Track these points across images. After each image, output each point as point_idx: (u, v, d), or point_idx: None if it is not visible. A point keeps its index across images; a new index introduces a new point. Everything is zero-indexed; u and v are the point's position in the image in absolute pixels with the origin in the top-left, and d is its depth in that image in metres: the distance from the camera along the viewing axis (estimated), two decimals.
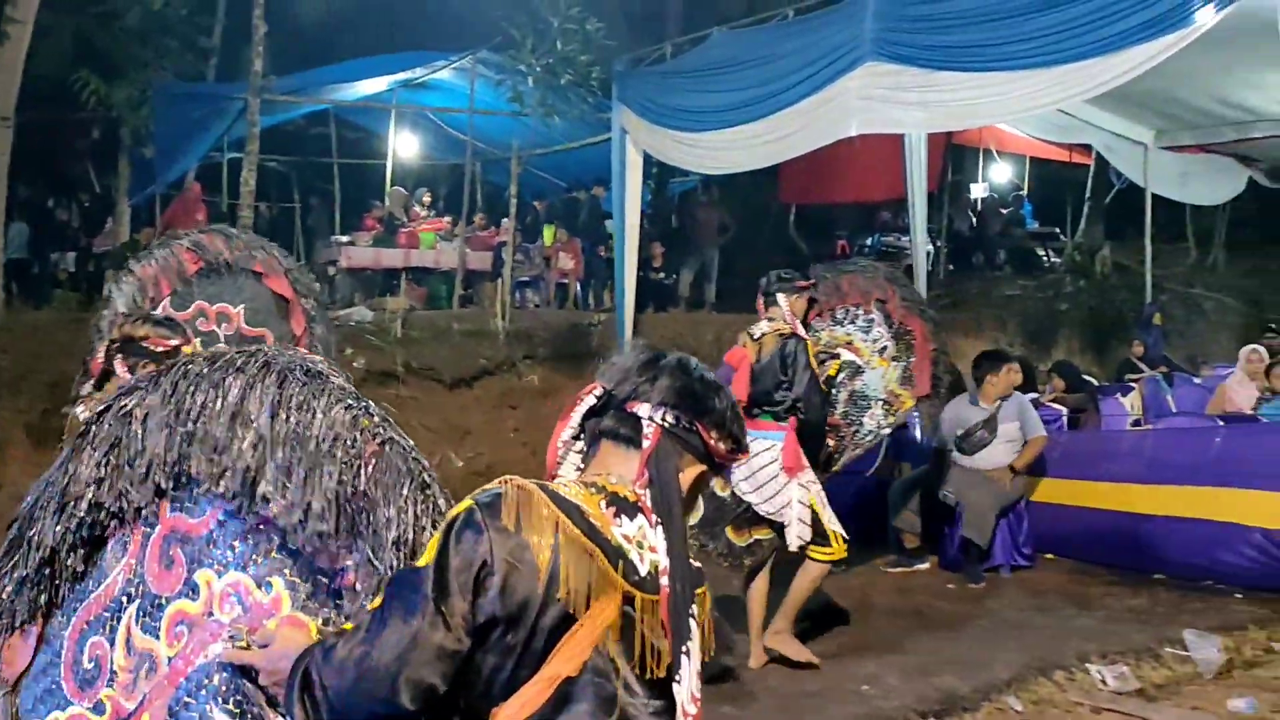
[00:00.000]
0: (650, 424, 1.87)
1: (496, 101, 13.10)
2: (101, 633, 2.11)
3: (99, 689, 2.10)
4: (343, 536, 1.96)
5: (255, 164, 11.56)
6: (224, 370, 2.07)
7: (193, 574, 2.06)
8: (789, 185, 16.14)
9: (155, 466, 2.07)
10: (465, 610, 1.71)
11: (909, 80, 7.34)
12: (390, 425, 2.03)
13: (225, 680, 1.99)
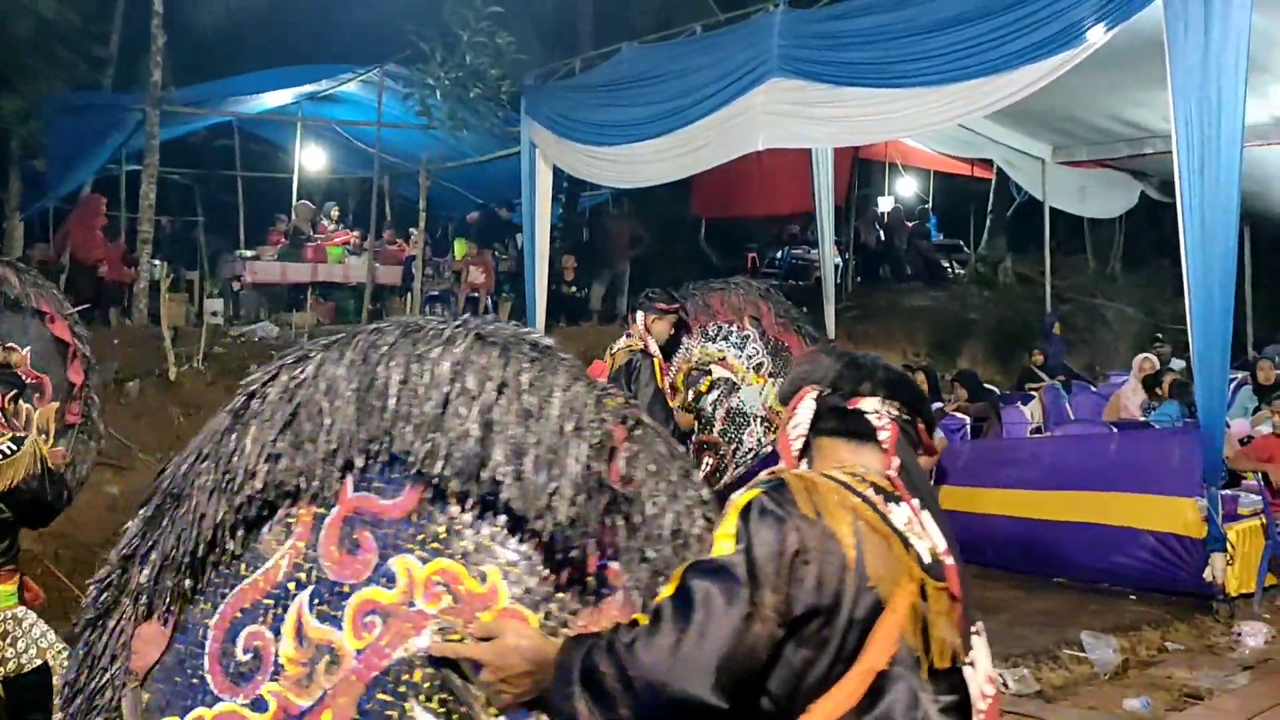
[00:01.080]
0: (882, 417, 1.86)
1: (405, 115, 12.98)
2: (262, 621, 1.91)
3: (259, 683, 1.89)
4: (590, 525, 1.79)
5: (155, 177, 11.30)
6: (428, 343, 1.90)
7: (386, 560, 1.87)
8: (701, 199, 16.26)
9: (346, 443, 1.88)
10: (778, 601, 1.62)
11: (814, 95, 7.47)
12: (635, 406, 1.88)
13: (430, 675, 1.81)
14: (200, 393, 9.27)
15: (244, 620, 1.93)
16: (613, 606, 1.81)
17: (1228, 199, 5.93)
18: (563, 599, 1.83)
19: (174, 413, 9.10)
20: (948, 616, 1.74)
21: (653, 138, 8.64)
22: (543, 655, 1.73)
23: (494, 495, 1.82)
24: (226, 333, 10.71)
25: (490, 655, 1.75)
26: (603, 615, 1.81)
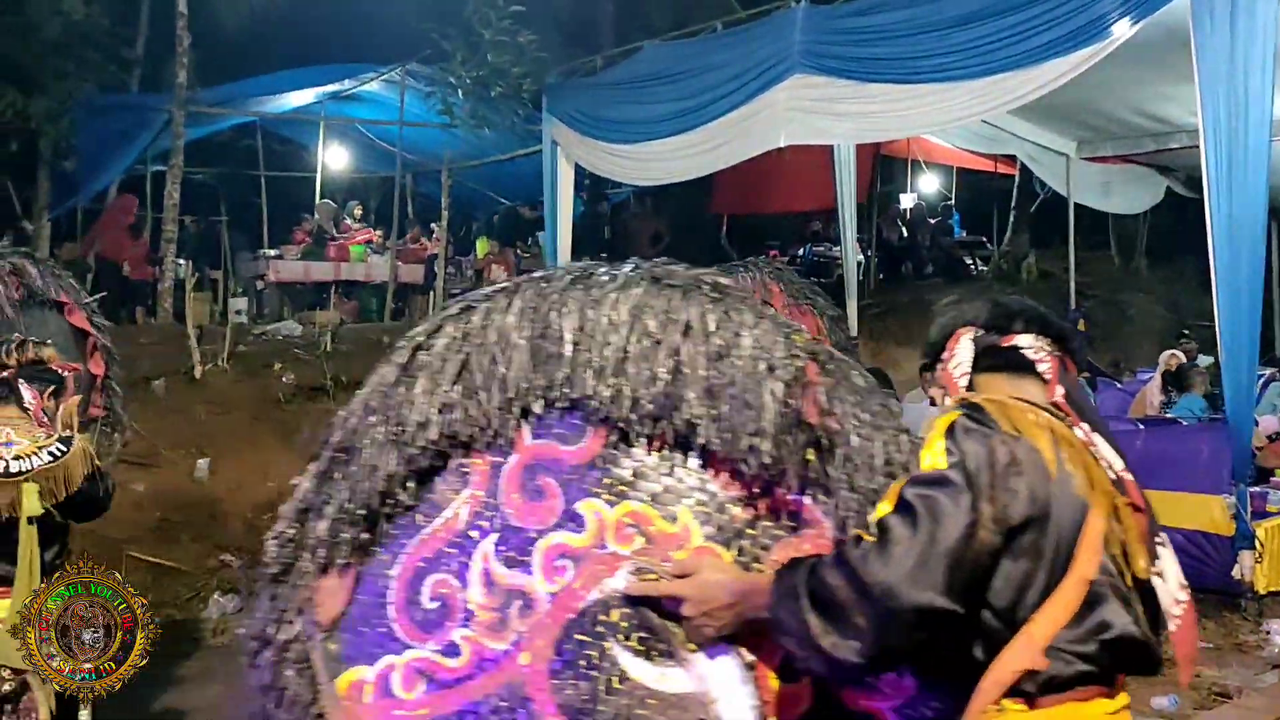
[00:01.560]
0: (1038, 351, 1.95)
1: (427, 114, 13.03)
2: (446, 570, 1.92)
3: (449, 630, 1.91)
4: (788, 462, 1.80)
5: (180, 177, 11.38)
6: (601, 288, 1.90)
7: (573, 504, 1.89)
8: (722, 196, 16.24)
9: (521, 391, 1.88)
10: (995, 511, 1.69)
11: (836, 92, 7.45)
12: (820, 341, 1.88)
13: (627, 615, 1.83)
14: (225, 390, 9.34)
15: (427, 569, 1.94)
16: (806, 541, 1.84)
17: (1255, 193, 5.88)
18: (755, 535, 1.85)
19: (199, 410, 9.17)
20: (1135, 529, 1.81)
21: (674, 135, 8.64)
22: (746, 587, 1.77)
23: (686, 436, 1.83)
24: (250, 331, 10.79)
25: (691, 590, 1.79)
26: (797, 549, 1.82)
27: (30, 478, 3.47)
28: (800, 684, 1.82)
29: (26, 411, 3.60)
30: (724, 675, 1.82)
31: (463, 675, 1.90)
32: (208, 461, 8.71)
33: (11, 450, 3.49)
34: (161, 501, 8.16)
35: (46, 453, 3.52)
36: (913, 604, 1.63)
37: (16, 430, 3.55)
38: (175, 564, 7.86)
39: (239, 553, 8.16)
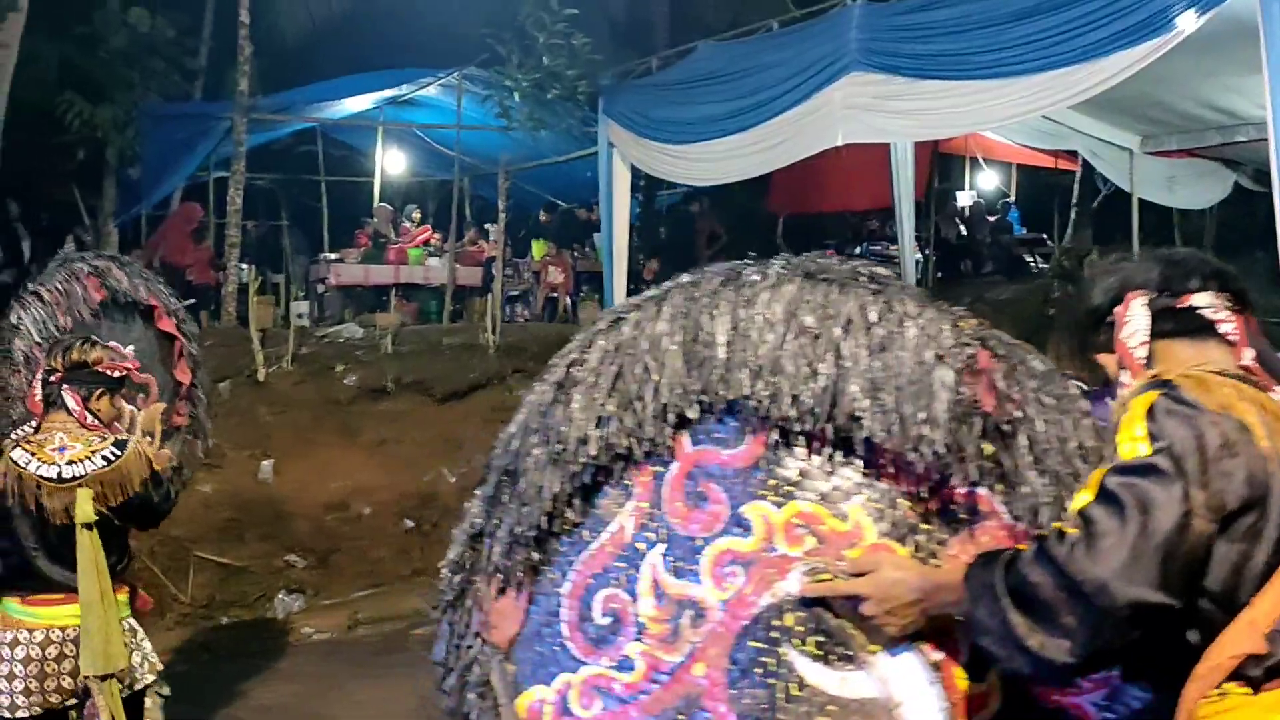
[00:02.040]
0: (1219, 310, 1.83)
1: (483, 117, 13.14)
2: (615, 584, 1.91)
3: (621, 644, 1.89)
4: (963, 452, 1.74)
5: (242, 183, 11.58)
6: (752, 287, 1.86)
7: (737, 509, 1.84)
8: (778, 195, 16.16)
9: (676, 397, 1.85)
10: (1208, 497, 1.60)
11: (894, 89, 7.39)
12: (990, 327, 1.83)
13: (802, 619, 1.79)
14: (288, 392, 9.50)
15: (597, 585, 1.93)
16: (983, 533, 1.78)
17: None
18: (930, 529, 1.80)
19: (263, 412, 9.33)
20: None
21: (730, 134, 8.62)
22: (931, 583, 1.71)
23: (851, 432, 1.79)
24: (313, 334, 10.95)
25: (872, 588, 1.73)
26: (974, 542, 1.77)
27: (84, 483, 3.41)
28: (988, 682, 1.76)
29: (84, 426, 3.53)
30: (908, 677, 1.77)
31: (638, 690, 1.87)
32: (272, 463, 8.86)
33: (65, 455, 3.44)
34: (228, 502, 8.32)
35: (100, 457, 3.46)
36: (1127, 600, 1.56)
37: (70, 435, 3.49)
38: (242, 564, 8.01)
39: (304, 552, 8.30)
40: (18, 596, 3.45)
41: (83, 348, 3.54)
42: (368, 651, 6.80)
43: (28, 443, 3.46)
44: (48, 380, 3.52)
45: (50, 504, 3.38)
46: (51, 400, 3.51)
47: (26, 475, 3.39)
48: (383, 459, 9.25)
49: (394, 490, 9.05)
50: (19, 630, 3.41)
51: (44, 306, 4.48)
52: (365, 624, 7.38)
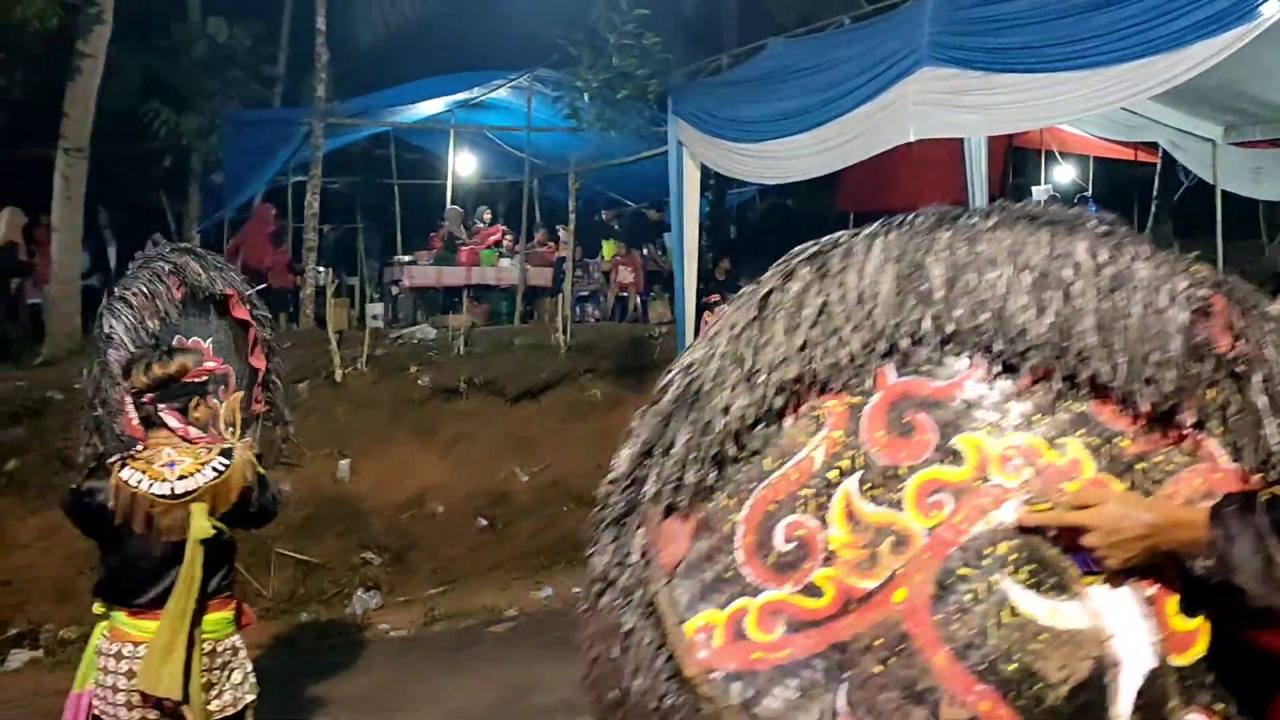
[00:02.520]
0: None
1: (554, 118, 13.22)
2: (802, 512, 1.88)
3: (808, 571, 1.86)
4: (1193, 393, 1.74)
5: (319, 187, 11.80)
6: (971, 228, 1.85)
7: (948, 440, 1.83)
8: (848, 193, 16.05)
9: (889, 328, 1.84)
10: None
11: (967, 84, 7.29)
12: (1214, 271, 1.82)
13: (1016, 548, 1.77)
14: (363, 392, 9.65)
15: (780, 512, 1.91)
16: (1198, 475, 1.77)
17: None
18: (1146, 469, 1.79)
19: (339, 412, 9.50)
20: None
21: (801, 132, 8.57)
22: (1165, 519, 1.72)
23: (1076, 371, 1.78)
24: (387, 335, 11.11)
25: (1097, 520, 1.73)
26: (1189, 485, 1.77)
27: (197, 497, 3.37)
28: (1198, 621, 1.75)
29: (177, 435, 3.46)
30: (1122, 610, 1.75)
31: (827, 615, 1.84)
32: (349, 461, 9.01)
33: (175, 470, 3.37)
34: (306, 500, 8.48)
35: (210, 469, 3.40)
36: None
37: (178, 449, 3.42)
38: (320, 561, 8.16)
39: (379, 550, 8.43)
40: (125, 609, 3.43)
41: (163, 361, 3.43)
42: (444, 647, 6.88)
43: (136, 460, 3.39)
44: (140, 402, 3.41)
45: (164, 521, 3.34)
46: (151, 421, 3.42)
47: (140, 494, 3.33)
48: (456, 458, 9.36)
49: (467, 489, 9.15)
50: (124, 643, 3.40)
51: (133, 312, 4.35)
52: (441, 620, 7.47)
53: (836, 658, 1.83)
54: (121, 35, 11.14)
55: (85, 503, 3.40)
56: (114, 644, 3.41)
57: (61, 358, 9.90)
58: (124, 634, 3.42)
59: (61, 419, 8.25)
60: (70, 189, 10.35)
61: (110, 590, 3.47)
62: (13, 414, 8.22)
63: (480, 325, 12.30)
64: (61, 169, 10.31)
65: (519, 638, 6.98)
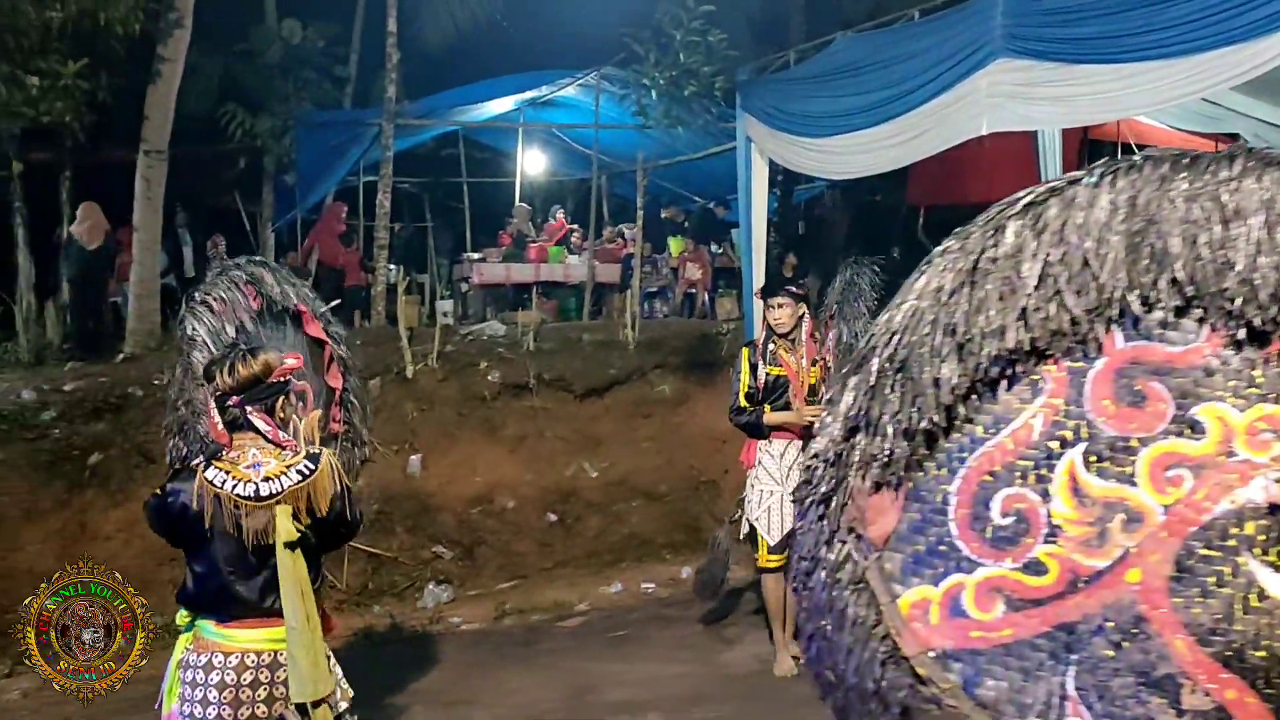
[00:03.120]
0: None
1: (621, 115, 13.25)
2: (1021, 484, 1.82)
3: (1029, 546, 1.81)
4: None
5: (389, 186, 11.94)
6: (1213, 174, 1.74)
7: (1187, 410, 1.73)
8: (918, 187, 15.84)
9: (1118, 291, 1.74)
10: None
11: (1042, 75, 7.16)
12: None
13: (1265, 528, 1.69)
14: (434, 389, 9.76)
15: (995, 484, 1.83)
16: None
17: None
18: None
19: (410, 408, 9.61)
20: None
21: (870, 126, 8.48)
22: None
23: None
24: (457, 332, 11.22)
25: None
26: None
27: (282, 499, 3.26)
28: None
29: (265, 438, 3.34)
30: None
31: (1051, 594, 1.77)
32: (420, 457, 9.12)
33: (260, 472, 3.28)
34: (378, 495, 8.60)
35: (295, 471, 3.30)
36: None
37: (264, 450, 3.32)
38: (392, 554, 8.27)
39: (450, 544, 8.52)
40: (214, 619, 3.31)
41: (246, 361, 3.31)
42: (514, 642, 6.95)
43: (220, 461, 3.29)
44: (225, 405, 3.29)
45: (249, 524, 3.23)
46: (237, 424, 3.31)
47: (225, 495, 3.23)
48: (525, 454, 9.43)
49: (536, 485, 9.22)
50: (214, 654, 3.28)
51: (214, 317, 4.27)
52: (511, 615, 7.54)
53: (1063, 639, 1.74)
54: (199, 39, 11.38)
55: (168, 504, 3.28)
56: (202, 655, 3.29)
57: (141, 354, 10.15)
58: (212, 644, 3.30)
59: (141, 414, 8.47)
60: (151, 190, 10.60)
61: (197, 599, 3.35)
62: (95, 409, 8.44)
63: (549, 322, 12.37)
64: (142, 170, 10.56)
65: (588, 633, 7.02)
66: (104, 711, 5.73)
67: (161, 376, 9.08)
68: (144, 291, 10.59)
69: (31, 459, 7.85)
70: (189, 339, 4.16)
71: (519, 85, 14.28)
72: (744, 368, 5.85)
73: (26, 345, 10.58)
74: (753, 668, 5.90)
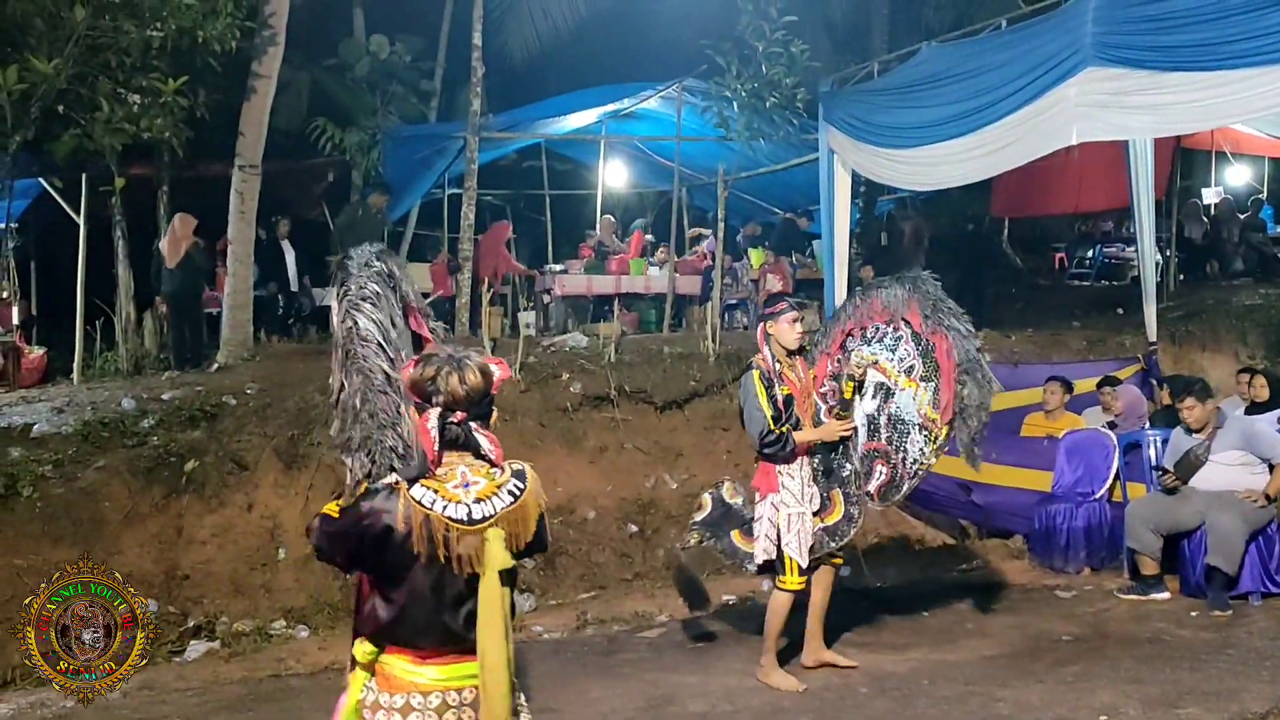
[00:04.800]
0: None
1: (702, 128, 13.30)
2: None
3: None
4: None
5: (474, 199, 12.10)
6: None
7: None
8: (1002, 199, 15.66)
9: None
10: None
11: (1133, 84, 7.03)
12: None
13: None
14: (516, 400, 9.86)
15: None
16: None
17: None
18: None
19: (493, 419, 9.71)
20: None
21: (956, 137, 8.40)
22: None
23: None
24: (538, 343, 11.33)
25: None
26: None
27: (495, 523, 2.93)
28: None
29: (482, 459, 2.99)
30: None
31: None
32: None
33: (471, 492, 2.94)
34: None
35: (506, 492, 2.98)
36: None
37: (472, 469, 2.98)
38: None
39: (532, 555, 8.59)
40: (409, 654, 2.96)
41: (463, 375, 2.97)
42: (595, 651, 6.99)
43: (426, 479, 2.94)
44: (448, 420, 2.95)
45: (459, 549, 2.89)
46: (458, 443, 2.97)
47: (435, 517, 2.89)
48: (605, 465, 9.48)
49: (616, 496, 9.26)
50: (411, 694, 2.94)
51: (378, 313, 3.66)
52: (591, 624, 7.59)
53: None
54: (290, 54, 11.66)
55: (363, 526, 2.90)
56: (397, 696, 2.95)
57: (234, 364, 10.42)
58: (407, 683, 2.96)
59: (235, 423, 8.70)
60: (244, 204, 10.89)
61: (391, 631, 2.96)
62: (191, 417, 8.68)
63: (630, 333, 12.44)
64: (236, 185, 10.85)
65: (667, 644, 7.03)
66: (200, 713, 5.91)
67: (254, 385, 9.37)
68: (237, 303, 10.86)
69: (131, 465, 8.09)
70: (361, 338, 3.53)
71: (601, 98, 14.39)
72: (760, 392, 5.68)
73: (126, 355, 10.94)
74: (829, 682, 5.87)
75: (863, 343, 6.21)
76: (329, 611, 7.84)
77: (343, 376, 3.33)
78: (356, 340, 3.42)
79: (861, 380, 6.06)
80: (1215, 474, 7.02)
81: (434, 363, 3.02)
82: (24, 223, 13.02)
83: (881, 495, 6.06)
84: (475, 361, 3.00)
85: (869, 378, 6.09)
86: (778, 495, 5.76)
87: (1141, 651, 6.07)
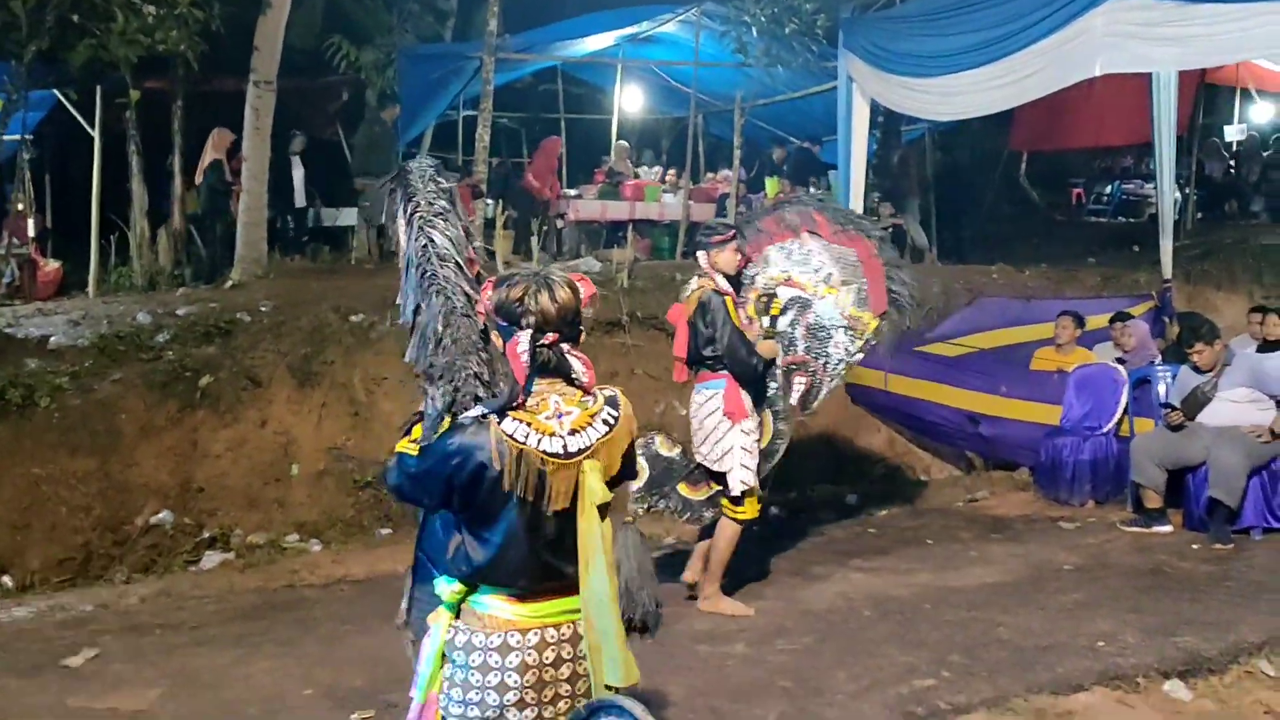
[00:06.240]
0: None
1: (721, 53, 13.15)
2: None
3: None
4: None
5: (489, 121, 12.03)
6: None
7: None
8: (1021, 132, 15.49)
9: None
10: None
11: (1161, 15, 6.95)
12: None
13: None
14: None
15: None
16: None
17: None
18: None
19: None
20: None
21: (978, 66, 8.31)
22: None
23: None
24: None
25: None
26: None
27: (591, 454, 2.73)
28: None
29: (574, 384, 2.76)
30: None
31: None
32: None
33: (565, 424, 2.72)
34: None
35: (600, 421, 2.76)
36: None
37: (565, 398, 2.75)
38: None
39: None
40: (504, 593, 2.79)
41: (553, 291, 2.72)
42: None
43: (516, 410, 2.70)
44: (539, 342, 2.70)
45: (555, 483, 2.70)
46: (549, 368, 2.73)
47: (530, 452, 2.67)
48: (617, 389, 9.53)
49: None
50: (509, 633, 2.77)
51: (452, 229, 3.25)
52: None
53: None
54: None
55: (454, 464, 2.67)
56: (493, 635, 2.78)
57: (249, 281, 10.46)
58: (503, 622, 2.78)
59: (249, 340, 8.76)
60: (259, 120, 10.84)
61: (489, 572, 2.77)
62: (206, 333, 8.74)
63: (643, 260, 12.42)
64: (251, 101, 10.80)
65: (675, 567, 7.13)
66: (217, 619, 6.05)
67: (268, 303, 9.41)
68: (251, 220, 10.87)
69: (147, 379, 8.17)
70: (440, 257, 3.18)
71: (619, 21, 14.21)
72: (733, 314, 5.65)
73: (140, 270, 10.98)
74: (834, 604, 5.97)
75: (766, 265, 6.26)
76: (341, 527, 7.98)
77: (419, 298, 3.07)
78: (434, 259, 3.13)
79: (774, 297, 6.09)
80: (1222, 410, 7.05)
81: (519, 281, 2.76)
82: (39, 135, 12.97)
83: (803, 405, 6.18)
84: (561, 277, 2.76)
85: (781, 294, 6.13)
86: (747, 422, 5.72)
87: (1142, 582, 6.15)
